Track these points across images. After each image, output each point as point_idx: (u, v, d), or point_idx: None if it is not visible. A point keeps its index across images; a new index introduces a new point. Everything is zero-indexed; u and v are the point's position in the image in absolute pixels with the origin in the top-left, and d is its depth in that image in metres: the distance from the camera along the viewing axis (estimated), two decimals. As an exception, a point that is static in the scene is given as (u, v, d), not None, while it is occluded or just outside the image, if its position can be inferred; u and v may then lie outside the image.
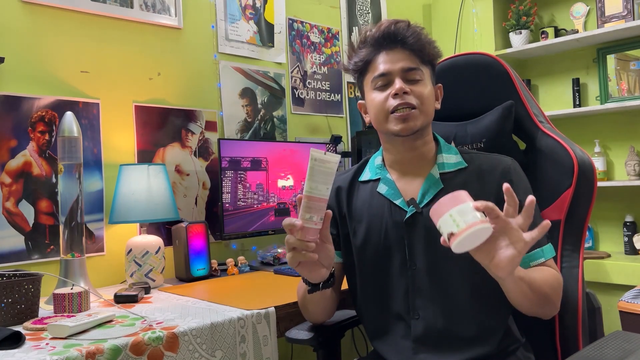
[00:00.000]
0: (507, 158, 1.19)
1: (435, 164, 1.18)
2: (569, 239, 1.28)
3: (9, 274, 1.40)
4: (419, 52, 1.15)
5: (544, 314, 1.10)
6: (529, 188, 1.17)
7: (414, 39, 1.14)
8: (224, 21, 2.28)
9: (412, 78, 1.14)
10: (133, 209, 1.76)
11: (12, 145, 1.69)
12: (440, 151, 1.20)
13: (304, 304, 1.24)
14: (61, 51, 1.81)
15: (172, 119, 2.07)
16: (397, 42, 1.14)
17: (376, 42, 1.16)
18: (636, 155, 2.67)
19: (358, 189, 1.25)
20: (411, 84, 1.13)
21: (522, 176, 1.18)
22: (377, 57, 1.16)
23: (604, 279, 2.50)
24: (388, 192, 1.18)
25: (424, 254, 1.13)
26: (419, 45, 1.15)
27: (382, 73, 1.14)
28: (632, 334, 0.87)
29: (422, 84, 1.15)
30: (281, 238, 2.32)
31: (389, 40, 1.15)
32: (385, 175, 1.21)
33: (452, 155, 1.20)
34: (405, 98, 1.12)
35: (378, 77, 1.15)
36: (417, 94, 1.13)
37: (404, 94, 1.11)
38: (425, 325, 1.13)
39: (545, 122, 1.38)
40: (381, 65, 1.14)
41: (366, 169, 1.27)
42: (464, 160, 1.18)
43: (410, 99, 1.12)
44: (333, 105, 2.69)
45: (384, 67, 1.14)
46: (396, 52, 1.14)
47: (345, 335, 1.40)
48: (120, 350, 1.14)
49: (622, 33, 2.64)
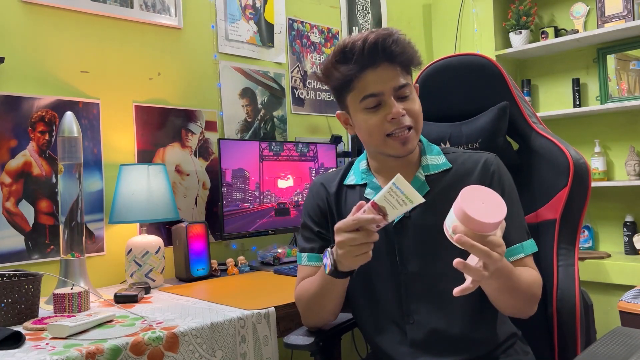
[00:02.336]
0: (488, 153, 1.18)
1: (420, 166, 1.17)
2: (565, 237, 1.29)
3: (9, 274, 1.40)
4: (408, 65, 1.12)
5: (521, 313, 1.09)
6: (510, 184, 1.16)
7: (402, 53, 1.09)
8: (224, 21, 2.28)
9: (403, 95, 1.10)
10: (133, 209, 1.76)
11: (12, 145, 1.69)
12: (424, 152, 1.19)
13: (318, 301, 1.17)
14: (61, 51, 1.81)
15: (172, 119, 2.07)
16: (384, 57, 1.08)
17: (361, 58, 1.08)
18: (636, 155, 2.67)
19: (345, 193, 1.23)
20: (403, 101, 1.10)
21: (504, 171, 1.16)
22: (364, 75, 1.09)
23: (604, 279, 2.50)
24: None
25: (415, 257, 1.13)
26: (407, 59, 1.11)
27: (373, 93, 1.09)
28: (633, 330, 0.89)
29: (412, 99, 1.12)
30: (281, 238, 2.32)
31: (376, 56, 1.08)
32: (372, 180, 1.20)
33: (435, 156, 1.19)
34: (402, 121, 1.09)
35: (368, 97, 1.09)
36: (411, 112, 1.11)
37: (402, 117, 1.09)
38: (421, 329, 1.12)
39: (538, 123, 1.40)
40: (371, 84, 1.08)
41: (351, 173, 1.25)
42: (447, 161, 1.17)
43: (407, 120, 1.10)
44: (333, 105, 2.69)
45: (375, 88, 1.08)
46: (384, 69, 1.08)
47: (345, 335, 1.40)
48: (120, 350, 1.14)
49: (622, 33, 2.64)
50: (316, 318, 1.23)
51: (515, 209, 1.14)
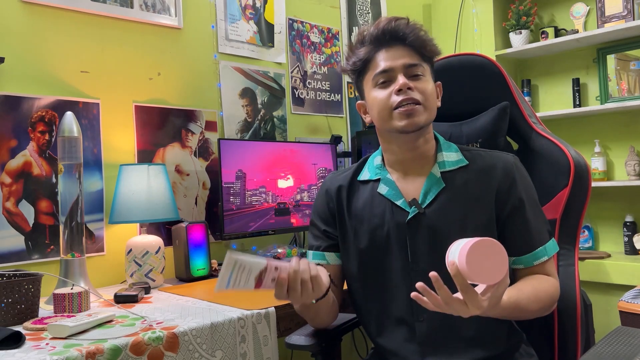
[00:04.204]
0: (509, 155, 1.18)
1: (436, 162, 1.17)
2: (565, 238, 1.30)
3: (9, 274, 1.40)
4: (420, 48, 1.14)
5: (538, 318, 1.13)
6: (530, 186, 1.17)
7: (414, 36, 1.13)
8: (224, 21, 2.28)
9: (414, 74, 1.12)
10: (133, 209, 1.76)
11: (12, 145, 1.69)
12: (440, 149, 1.19)
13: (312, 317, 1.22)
14: (61, 51, 1.81)
15: (172, 119, 2.07)
16: (397, 39, 1.13)
17: (375, 40, 1.14)
18: (636, 155, 2.67)
19: (358, 189, 1.23)
20: (414, 79, 1.12)
21: (524, 174, 1.17)
22: (377, 55, 1.14)
23: (604, 279, 2.50)
24: (389, 192, 1.17)
25: (428, 255, 1.12)
26: (419, 41, 1.14)
27: (383, 70, 1.12)
28: (635, 330, 0.89)
29: (424, 79, 1.13)
30: (281, 238, 2.32)
31: (389, 38, 1.13)
32: (386, 175, 1.20)
33: (452, 153, 1.19)
34: (409, 93, 1.10)
35: (379, 74, 1.13)
36: (421, 89, 1.12)
37: (408, 89, 1.10)
38: (431, 328, 1.12)
39: (538, 123, 1.40)
40: (382, 62, 1.13)
41: (365, 169, 1.25)
42: (464, 158, 1.17)
43: (415, 94, 1.10)
44: (333, 105, 2.69)
45: (385, 64, 1.12)
46: (397, 49, 1.13)
47: (345, 335, 1.40)
48: (120, 350, 1.13)
49: (622, 33, 2.64)
50: (315, 323, 1.26)
51: (535, 211, 1.15)
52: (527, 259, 1.12)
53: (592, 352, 0.81)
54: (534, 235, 1.12)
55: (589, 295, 1.35)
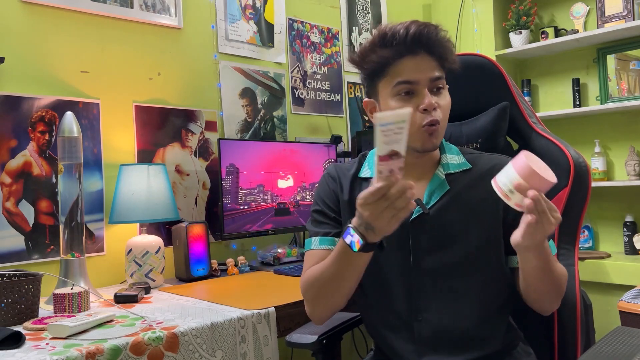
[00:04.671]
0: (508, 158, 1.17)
1: (440, 164, 1.16)
2: (565, 237, 1.30)
3: (9, 274, 1.40)
4: (444, 60, 1.11)
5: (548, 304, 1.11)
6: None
7: (442, 47, 1.09)
8: (224, 21, 2.28)
9: (437, 87, 1.10)
10: (133, 209, 1.76)
11: (12, 145, 1.69)
12: (444, 151, 1.19)
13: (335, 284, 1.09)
14: (61, 51, 1.81)
15: (172, 119, 2.07)
16: (423, 47, 1.08)
17: (402, 44, 1.08)
18: (636, 155, 2.67)
19: (360, 186, 1.21)
20: (436, 94, 1.10)
21: None
22: (401, 61, 1.08)
23: (604, 279, 2.50)
24: None
25: (430, 255, 1.12)
26: (445, 52, 1.10)
27: (408, 80, 1.08)
28: (634, 330, 0.89)
29: (444, 93, 1.12)
30: (281, 238, 2.32)
31: (417, 44, 1.08)
32: None
33: (454, 155, 1.18)
34: (434, 115, 1.08)
35: (403, 83, 1.08)
36: (442, 107, 1.10)
37: (433, 109, 1.08)
38: (429, 327, 1.12)
39: (537, 123, 1.40)
40: (407, 71, 1.08)
41: (365, 166, 1.23)
42: (467, 162, 1.17)
43: (437, 114, 1.09)
44: (333, 105, 2.69)
45: (411, 75, 1.08)
46: (422, 58, 1.08)
47: (345, 335, 1.40)
48: (120, 350, 1.14)
49: (622, 33, 2.64)
50: (328, 305, 1.14)
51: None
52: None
53: (592, 351, 0.81)
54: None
55: (589, 295, 1.35)
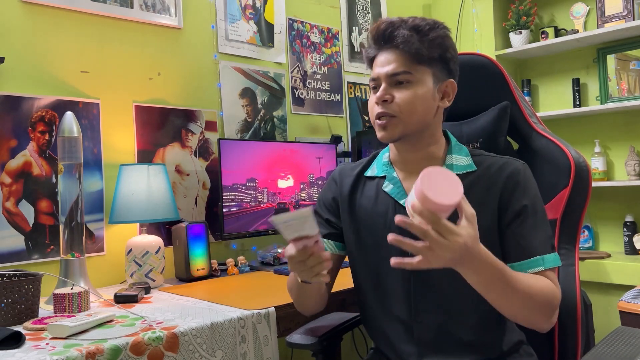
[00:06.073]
0: (518, 162, 1.14)
1: (444, 164, 1.16)
2: (565, 237, 1.30)
3: (9, 274, 1.40)
4: (414, 53, 1.10)
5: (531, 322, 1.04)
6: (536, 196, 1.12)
7: (403, 39, 1.09)
8: (224, 21, 2.28)
9: (397, 81, 1.11)
10: (133, 209, 1.76)
11: (12, 145, 1.69)
12: (451, 151, 1.17)
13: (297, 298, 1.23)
14: (61, 51, 1.81)
15: (172, 119, 2.07)
16: (388, 42, 1.12)
17: (375, 42, 1.15)
18: (636, 155, 2.67)
19: (364, 184, 1.22)
20: (397, 88, 1.11)
21: (530, 183, 1.12)
22: (375, 58, 1.16)
23: (604, 279, 2.50)
24: (393, 191, 1.16)
25: None
26: (409, 46, 1.10)
27: (373, 77, 1.15)
28: (636, 330, 0.89)
29: (409, 87, 1.10)
30: (281, 238, 2.32)
31: (384, 41, 1.13)
32: (392, 173, 1.19)
33: (462, 156, 1.17)
34: (384, 106, 1.11)
35: (371, 80, 1.16)
36: (401, 100, 1.10)
37: (384, 102, 1.11)
38: (429, 329, 1.12)
39: (538, 123, 1.40)
40: (375, 68, 1.15)
41: (373, 165, 1.25)
42: (473, 163, 1.15)
43: (390, 107, 1.10)
44: (333, 105, 2.69)
45: (374, 71, 1.15)
46: (389, 54, 1.12)
47: (345, 335, 1.40)
48: (120, 350, 1.13)
49: (622, 33, 2.64)
50: (307, 307, 1.26)
51: (537, 221, 1.09)
52: (520, 266, 1.06)
53: (593, 352, 0.81)
54: (532, 243, 1.07)
55: (589, 295, 1.35)
